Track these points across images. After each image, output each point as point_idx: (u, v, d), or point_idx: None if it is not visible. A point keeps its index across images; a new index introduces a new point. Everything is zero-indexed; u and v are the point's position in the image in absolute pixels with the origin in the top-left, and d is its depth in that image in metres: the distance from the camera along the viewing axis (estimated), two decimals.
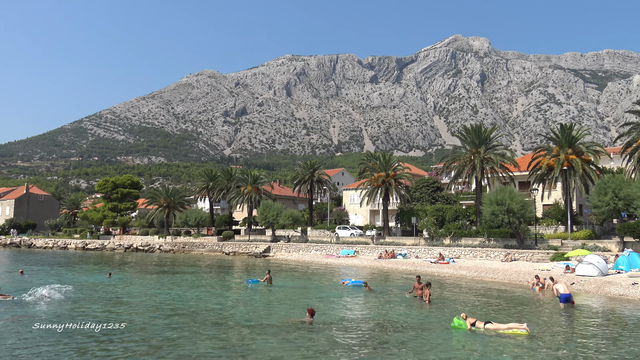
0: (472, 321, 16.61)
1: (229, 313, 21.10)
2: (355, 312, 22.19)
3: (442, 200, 68.64)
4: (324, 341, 15.79)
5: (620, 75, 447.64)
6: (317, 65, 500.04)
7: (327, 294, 27.76)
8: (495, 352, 14.35)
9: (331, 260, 53.03)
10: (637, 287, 26.78)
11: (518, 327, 16.24)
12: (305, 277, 38.12)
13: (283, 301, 24.87)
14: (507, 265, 39.99)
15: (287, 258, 58.67)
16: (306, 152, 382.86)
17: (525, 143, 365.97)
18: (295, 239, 68.95)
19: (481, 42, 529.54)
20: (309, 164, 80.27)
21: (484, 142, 57.35)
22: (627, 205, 40.47)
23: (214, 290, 29.64)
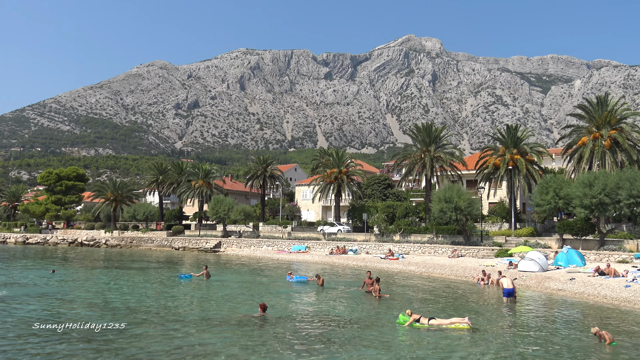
0: (417, 317, 17.03)
1: (176, 310, 20.73)
2: (306, 307, 22.27)
3: (393, 197, 69.78)
4: (273, 336, 15.77)
5: (563, 80, 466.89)
6: (272, 60, 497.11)
7: (272, 289, 27.70)
8: (438, 346, 14.73)
9: (282, 256, 52.97)
10: (574, 283, 28.08)
11: (460, 322, 16.78)
12: (253, 273, 37.91)
13: (229, 297, 24.66)
14: (454, 261, 41.07)
15: (238, 253, 58.22)
16: (259, 147, 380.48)
17: (473, 143, 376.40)
18: (246, 234, 68.47)
19: (433, 43, 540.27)
20: (262, 159, 79.80)
21: (434, 140, 58.66)
22: (567, 204, 42.31)
23: (160, 287, 29.05)
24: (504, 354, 14.12)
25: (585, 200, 39.30)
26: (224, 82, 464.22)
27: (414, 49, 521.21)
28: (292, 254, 53.95)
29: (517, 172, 52.20)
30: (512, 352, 14.36)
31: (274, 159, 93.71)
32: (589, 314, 20.85)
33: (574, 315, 20.93)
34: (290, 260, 49.91)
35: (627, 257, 36.98)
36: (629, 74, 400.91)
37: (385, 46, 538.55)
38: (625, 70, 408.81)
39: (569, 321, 19.65)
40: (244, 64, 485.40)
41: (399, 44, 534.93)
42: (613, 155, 47.09)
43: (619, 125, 48.25)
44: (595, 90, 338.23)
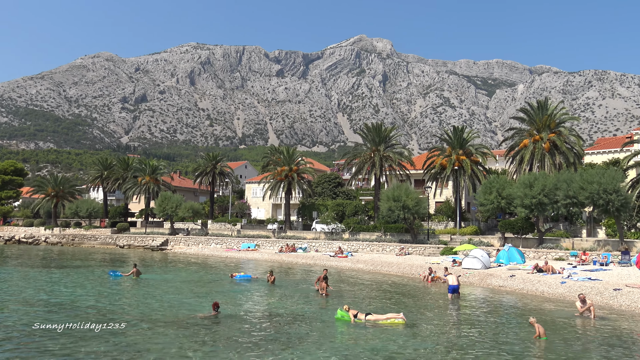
0: (354, 313, 17.39)
1: (121, 310, 20.19)
2: (257, 305, 22.18)
3: (343, 196, 70.40)
4: (224, 335, 15.65)
5: (507, 84, 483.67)
6: (223, 55, 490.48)
7: (222, 287, 27.44)
8: (373, 341, 15.04)
9: (231, 254, 52.50)
10: (515, 279, 29.25)
11: (395, 317, 17.27)
12: (201, 271, 37.41)
13: (176, 296, 24.24)
14: (401, 259, 41.91)
15: (186, 251, 57.24)
16: (209, 143, 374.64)
17: (422, 143, 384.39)
18: (195, 232, 67.39)
19: (384, 44, 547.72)
20: (211, 155, 78.71)
21: (383, 140, 59.57)
22: (509, 203, 43.95)
23: (103, 287, 28.20)
24: (438, 347, 14.58)
25: (526, 200, 40.95)
26: (174, 77, 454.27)
27: (366, 49, 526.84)
28: (241, 251, 53.57)
29: (462, 172, 53.75)
30: (446, 346, 14.85)
31: (224, 156, 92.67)
32: (527, 309, 21.75)
33: (513, 311, 21.78)
34: (239, 258, 49.53)
35: (563, 254, 38.81)
36: (567, 80, 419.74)
37: (337, 45, 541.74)
38: (565, 77, 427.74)
39: (507, 316, 20.44)
40: (195, 59, 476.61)
41: (350, 43, 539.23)
42: (552, 158, 49.24)
43: (557, 129, 50.47)
44: (536, 94, 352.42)
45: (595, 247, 40.23)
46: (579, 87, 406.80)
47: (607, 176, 38.05)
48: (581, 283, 26.17)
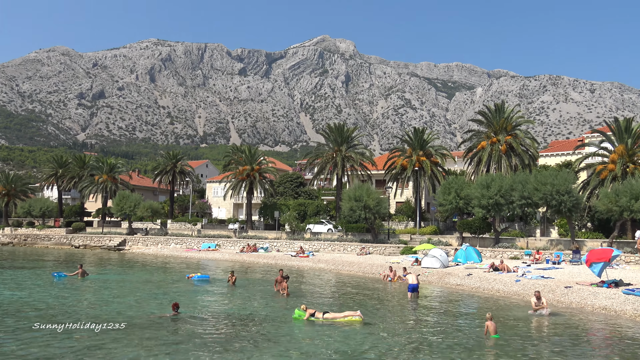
0: (312, 312, 17.51)
1: (77, 311, 19.63)
2: (217, 305, 21.96)
3: (305, 196, 70.49)
4: (183, 336, 15.44)
5: (466, 87, 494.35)
6: (184, 52, 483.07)
7: (180, 288, 27.02)
8: (330, 339, 15.20)
9: (191, 254, 51.81)
10: (471, 278, 29.94)
11: (352, 315, 17.50)
12: (160, 271, 36.80)
13: (135, 296, 23.77)
14: (362, 259, 42.28)
15: (145, 252, 56.16)
16: (169, 141, 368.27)
17: (383, 144, 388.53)
18: (154, 231, 66.17)
19: (347, 45, 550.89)
20: (171, 154, 77.52)
21: (346, 140, 59.97)
22: (467, 204, 44.95)
23: (54, 288, 27.36)
24: (395, 345, 14.79)
25: (483, 200, 41.98)
26: (133, 73, 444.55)
27: (329, 49, 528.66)
28: (202, 252, 52.94)
29: (422, 173, 54.67)
30: (402, 343, 15.10)
31: (185, 155, 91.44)
32: (483, 306, 22.31)
33: (469, 309, 22.31)
34: (200, 258, 48.95)
35: (518, 253, 39.96)
36: (524, 84, 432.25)
37: (301, 45, 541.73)
38: (521, 81, 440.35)
39: (463, 314, 20.93)
40: (155, 55, 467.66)
41: (314, 43, 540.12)
42: (508, 159, 50.64)
43: (514, 131, 51.94)
44: (494, 98, 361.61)
45: (548, 246, 41.59)
46: (534, 91, 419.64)
47: (559, 178, 39.39)
48: (535, 281, 27.02)
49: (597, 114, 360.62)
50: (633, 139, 43.56)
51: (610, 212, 37.70)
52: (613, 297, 21.70)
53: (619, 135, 44.29)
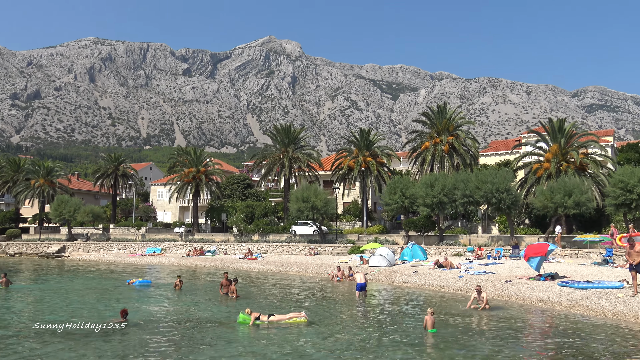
0: (256, 315, 17.49)
1: (12, 321, 18.69)
2: (164, 311, 21.43)
3: (252, 197, 70.00)
4: (130, 344, 15.01)
5: (410, 89, 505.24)
6: (126, 51, 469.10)
7: (117, 295, 26.16)
8: (277, 341, 15.22)
9: (135, 259, 50.41)
10: (417, 275, 30.65)
11: (297, 316, 17.62)
12: (102, 278, 35.58)
13: (76, 303, 22.90)
14: (310, 259, 42.42)
15: (86, 258, 54.16)
16: (111, 143, 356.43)
17: (330, 145, 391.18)
18: (95, 237, 63.86)
19: (293, 46, 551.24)
20: (113, 156, 75.16)
21: (293, 142, 60.02)
22: (412, 203, 45.97)
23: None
24: (340, 344, 14.93)
25: (427, 199, 43.05)
26: (71, 73, 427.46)
27: (275, 50, 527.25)
28: (147, 256, 51.61)
29: (369, 173, 55.47)
30: (348, 341, 15.23)
31: (128, 157, 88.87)
32: (428, 303, 22.88)
33: (415, 306, 22.82)
34: (145, 263, 47.69)
35: (461, 250, 41.24)
36: (465, 86, 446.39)
37: (246, 46, 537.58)
38: (462, 83, 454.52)
39: (409, 311, 21.39)
40: (94, 54, 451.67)
41: (259, 44, 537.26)
42: (451, 159, 52.16)
43: (456, 132, 53.57)
44: (437, 99, 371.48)
45: (489, 242, 43.14)
46: (475, 93, 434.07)
47: (499, 176, 40.95)
48: (477, 277, 27.95)
49: (533, 115, 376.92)
50: (566, 139, 45.83)
51: (546, 209, 39.54)
52: (549, 289, 22.76)
53: (553, 135, 46.48)
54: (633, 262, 18.76)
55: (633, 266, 18.89)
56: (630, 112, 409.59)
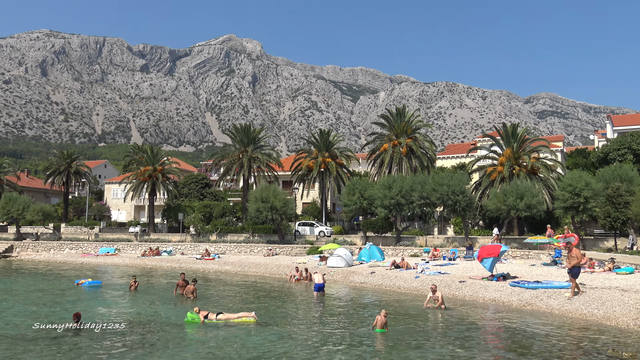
0: (205, 314, 17.45)
1: None
2: (118, 312, 20.91)
3: (211, 197, 69.19)
4: (81, 347, 14.59)
5: (370, 91, 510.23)
6: (81, 45, 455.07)
7: (67, 296, 25.38)
8: (224, 340, 15.18)
9: (88, 259, 49.00)
10: (374, 276, 31.01)
11: (247, 316, 17.62)
12: (51, 279, 34.43)
13: (23, 307, 22.10)
14: (269, 260, 42.28)
15: (35, 258, 52.24)
16: (64, 140, 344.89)
17: (290, 145, 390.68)
18: (46, 236, 61.74)
19: (254, 45, 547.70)
20: (66, 153, 72.87)
21: (252, 141, 59.66)
22: (370, 204, 46.48)
23: None
24: (291, 344, 14.91)
25: (385, 200, 43.62)
26: (22, 65, 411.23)
27: (235, 49, 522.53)
28: (100, 256, 50.25)
29: (328, 174, 55.74)
30: (300, 341, 15.24)
31: (81, 154, 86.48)
32: (385, 304, 23.19)
33: (371, 306, 23.08)
34: (97, 263, 46.44)
35: (417, 251, 41.96)
36: (423, 90, 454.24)
37: (206, 43, 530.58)
38: (421, 87, 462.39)
39: (365, 311, 21.62)
40: (47, 47, 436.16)
41: (220, 42, 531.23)
42: (409, 161, 53.03)
43: (414, 134, 54.50)
44: (396, 102, 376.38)
45: (445, 243, 44.07)
46: (432, 96, 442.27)
47: (455, 179, 41.93)
48: (432, 277, 28.51)
49: (488, 119, 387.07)
50: (518, 143, 47.32)
51: (499, 211, 40.73)
52: (501, 289, 23.46)
53: (506, 140, 47.92)
54: (569, 265, 19.64)
55: (569, 270, 19.85)
56: (579, 118, 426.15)
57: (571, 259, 19.55)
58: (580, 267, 20.51)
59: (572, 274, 19.80)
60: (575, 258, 19.43)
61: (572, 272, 19.74)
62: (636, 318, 16.78)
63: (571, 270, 19.70)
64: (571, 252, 19.69)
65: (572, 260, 19.49)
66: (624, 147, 51.55)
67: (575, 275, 19.86)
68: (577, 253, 19.58)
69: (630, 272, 25.44)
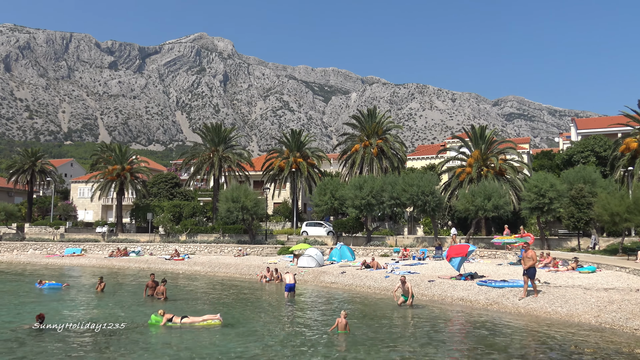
0: (169, 317, 17.26)
1: None
2: (84, 314, 20.49)
3: (180, 197, 68.40)
4: (45, 350, 14.24)
5: (342, 92, 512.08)
6: (47, 41, 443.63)
7: (30, 298, 24.74)
8: (187, 342, 15.03)
9: (53, 260, 47.88)
10: (345, 276, 31.15)
11: (212, 318, 17.52)
12: (13, 280, 33.51)
13: None
14: (239, 260, 42.03)
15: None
16: (28, 137, 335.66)
17: (261, 145, 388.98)
18: (8, 237, 60.00)
19: (225, 44, 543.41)
20: (30, 151, 71.03)
21: (223, 141, 59.24)
22: (341, 204, 46.68)
23: None
24: (257, 345, 14.76)
25: (356, 201, 43.87)
26: None
27: (206, 47, 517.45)
28: (66, 257, 49.15)
29: (299, 174, 55.74)
30: (255, 343, 15.05)
31: (46, 152, 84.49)
32: (355, 303, 23.33)
33: (341, 305, 23.18)
34: (63, 264, 45.38)
35: (388, 251, 42.33)
36: (394, 91, 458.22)
37: (177, 41, 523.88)
38: (392, 88, 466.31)
39: (336, 311, 21.68)
40: (11, 42, 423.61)
41: (190, 40, 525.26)
42: (379, 162, 53.46)
43: (384, 135, 54.97)
44: (367, 103, 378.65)
45: (414, 243, 44.57)
46: (403, 98, 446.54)
47: (425, 180, 42.45)
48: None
49: (458, 121, 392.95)
50: (486, 145, 48.23)
51: (467, 211, 41.42)
52: (469, 288, 23.87)
53: (475, 141, 48.77)
54: (525, 266, 20.06)
55: (525, 271, 20.20)
56: (545, 121, 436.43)
57: (527, 260, 19.98)
58: (536, 268, 20.91)
59: (528, 274, 20.20)
60: (530, 259, 19.83)
61: (528, 273, 20.15)
62: (597, 315, 17.31)
63: (527, 271, 20.08)
64: (527, 252, 20.11)
65: (528, 261, 19.89)
66: (588, 150, 53.09)
67: (531, 275, 20.28)
68: (532, 254, 19.96)
69: (593, 271, 26.22)
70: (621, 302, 18.17)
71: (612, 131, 59.48)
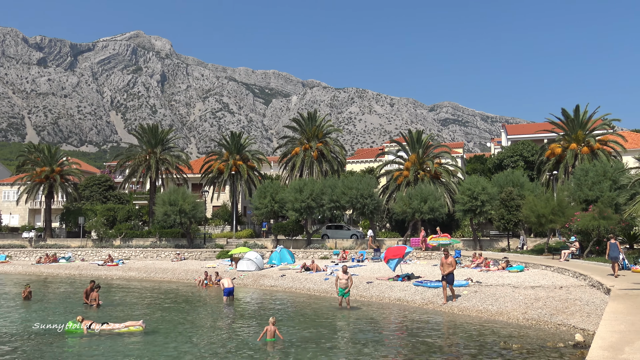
0: (88, 323, 16.80)
1: None
2: (6, 324, 19.33)
3: (115, 200, 66.10)
4: None
5: (283, 94, 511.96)
6: None
7: None
8: (105, 350, 14.60)
9: None
10: (285, 279, 31.14)
11: (134, 325, 17.18)
12: None
13: None
14: (177, 265, 41.09)
15: None
16: None
17: (200, 147, 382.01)
18: None
19: (163, 43, 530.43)
20: None
21: (160, 142, 57.75)
22: (282, 207, 46.62)
23: None
24: (185, 352, 14.43)
25: (296, 204, 43.97)
26: None
27: (143, 46, 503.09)
28: None
29: (239, 177, 55.23)
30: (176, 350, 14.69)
31: None
32: (294, 306, 23.35)
33: (281, 309, 23.17)
34: None
35: (327, 253, 42.65)
36: (334, 95, 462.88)
37: (112, 39, 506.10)
38: (332, 92, 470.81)
39: (274, 314, 21.64)
40: None
41: (126, 38, 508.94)
42: (320, 165, 53.83)
43: (325, 139, 55.41)
44: (308, 106, 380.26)
45: (354, 245, 45.16)
46: (343, 102, 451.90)
47: (363, 183, 43.18)
48: None
49: (396, 125, 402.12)
50: (423, 149, 49.64)
51: (404, 214, 42.47)
52: (406, 289, 24.46)
53: (412, 146, 50.08)
54: (444, 272, 20.26)
55: (444, 277, 20.37)
56: (478, 127, 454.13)
57: (446, 266, 20.09)
58: (454, 274, 20.84)
59: (447, 280, 20.40)
60: (450, 265, 20.04)
61: (448, 279, 20.36)
62: (525, 312, 18.19)
63: (447, 277, 20.27)
64: (447, 259, 20.21)
65: (448, 267, 20.06)
66: (517, 155, 55.71)
67: (450, 281, 20.51)
68: (452, 261, 20.17)
69: (521, 270, 27.54)
70: (546, 299, 19.19)
71: (539, 137, 62.69)
